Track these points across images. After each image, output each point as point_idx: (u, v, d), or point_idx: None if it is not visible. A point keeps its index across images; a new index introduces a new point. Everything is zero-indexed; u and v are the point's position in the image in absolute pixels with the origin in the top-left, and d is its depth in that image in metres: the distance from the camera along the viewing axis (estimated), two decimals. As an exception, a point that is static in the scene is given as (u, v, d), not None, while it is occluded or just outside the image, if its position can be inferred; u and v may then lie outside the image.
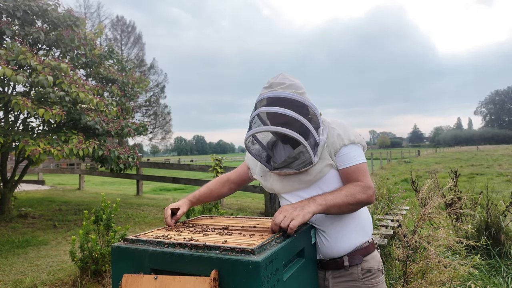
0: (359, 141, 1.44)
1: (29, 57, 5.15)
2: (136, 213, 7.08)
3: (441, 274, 2.41)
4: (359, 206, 1.35)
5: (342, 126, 1.45)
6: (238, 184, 1.72)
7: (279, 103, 1.35)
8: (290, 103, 1.34)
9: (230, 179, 1.72)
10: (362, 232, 1.46)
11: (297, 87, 1.40)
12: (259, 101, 1.41)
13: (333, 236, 1.41)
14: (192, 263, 1.02)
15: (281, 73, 1.45)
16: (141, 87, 8.42)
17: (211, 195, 1.68)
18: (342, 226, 1.42)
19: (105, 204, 3.43)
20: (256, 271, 0.93)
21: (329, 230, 1.41)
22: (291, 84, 1.40)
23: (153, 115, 37.20)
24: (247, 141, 1.48)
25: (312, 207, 1.23)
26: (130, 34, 36.98)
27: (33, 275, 3.69)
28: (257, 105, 1.42)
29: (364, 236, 1.46)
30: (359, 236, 1.44)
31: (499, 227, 3.77)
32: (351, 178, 1.38)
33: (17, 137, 5.29)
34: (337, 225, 1.41)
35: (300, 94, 1.38)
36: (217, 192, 1.69)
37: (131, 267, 1.12)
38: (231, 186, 1.71)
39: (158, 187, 13.35)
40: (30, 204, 7.95)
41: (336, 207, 1.28)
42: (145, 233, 1.27)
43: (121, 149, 6.36)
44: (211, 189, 1.68)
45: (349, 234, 1.42)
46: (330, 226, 1.41)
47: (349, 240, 1.42)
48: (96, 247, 3.29)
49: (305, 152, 1.36)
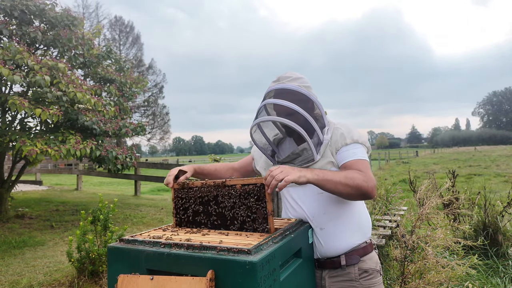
0: (363, 141, 1.43)
1: (26, 56, 5.13)
2: (134, 213, 7.06)
3: (439, 274, 2.41)
4: (357, 192, 1.27)
5: (346, 126, 1.46)
6: (241, 173, 1.75)
7: (286, 95, 1.39)
8: (296, 97, 1.38)
9: (234, 167, 1.76)
10: (360, 232, 1.45)
11: (304, 82, 1.45)
12: (267, 93, 1.45)
13: (330, 235, 1.41)
14: (188, 263, 1.01)
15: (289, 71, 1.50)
16: (139, 87, 8.41)
17: (214, 174, 1.70)
18: (340, 225, 1.42)
19: (102, 205, 3.42)
20: (253, 271, 0.93)
21: (326, 228, 1.41)
22: (298, 78, 1.45)
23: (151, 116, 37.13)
24: (252, 130, 1.50)
25: (309, 175, 1.22)
26: (128, 34, 36.91)
27: (29, 275, 3.67)
28: (265, 97, 1.46)
29: (362, 236, 1.45)
30: (356, 236, 1.44)
31: (497, 228, 3.78)
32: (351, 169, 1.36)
33: (14, 137, 5.26)
34: (335, 224, 1.42)
35: (306, 88, 1.42)
36: (220, 174, 1.71)
37: (127, 268, 1.11)
38: (233, 174, 1.74)
39: (156, 188, 13.32)
40: (27, 204, 7.91)
41: (332, 184, 1.25)
42: (142, 233, 1.26)
43: (119, 149, 6.34)
44: (215, 169, 1.72)
45: (346, 234, 1.42)
46: (328, 224, 1.41)
47: (347, 239, 1.42)
48: (94, 247, 3.28)
49: (308, 149, 1.39)
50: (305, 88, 1.42)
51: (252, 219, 1.24)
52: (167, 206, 8.07)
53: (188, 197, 1.39)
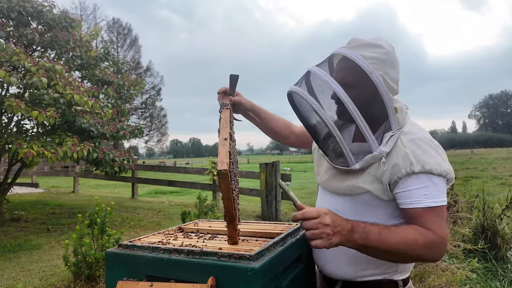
0: (441, 172, 0.96)
1: (23, 58, 5.09)
2: (131, 216, 7.01)
3: (439, 278, 2.40)
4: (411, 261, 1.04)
5: (418, 143, 0.98)
6: (297, 136, 1.42)
7: (341, 65, 1.03)
8: (352, 74, 0.99)
9: (293, 129, 1.44)
10: (371, 266, 1.07)
11: (378, 52, 0.97)
12: (327, 58, 1.10)
13: (330, 256, 1.14)
14: (188, 269, 0.99)
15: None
16: (137, 89, 8.38)
17: (269, 121, 1.39)
18: (347, 250, 1.02)
19: (99, 208, 3.38)
20: (255, 278, 0.91)
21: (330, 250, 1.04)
22: (371, 44, 0.99)
23: (149, 118, 37.07)
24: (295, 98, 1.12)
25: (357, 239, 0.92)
26: (126, 36, 36.92)
27: (25, 280, 3.62)
28: (325, 61, 1.10)
29: (373, 272, 1.08)
30: (363, 269, 1.09)
31: (495, 231, 3.78)
32: (416, 223, 0.97)
33: (10, 140, 5.22)
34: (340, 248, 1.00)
35: (377, 63, 0.96)
36: (274, 125, 1.40)
37: (126, 274, 1.09)
38: (290, 132, 1.42)
39: (153, 190, 13.25)
40: (23, 207, 7.84)
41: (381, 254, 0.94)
42: (140, 238, 1.24)
43: (116, 151, 6.30)
44: (273, 118, 1.41)
45: (349, 262, 1.10)
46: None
47: (346, 268, 1.11)
48: (90, 251, 3.24)
49: (345, 155, 1.03)
50: (374, 62, 0.96)
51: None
52: (164, 209, 8.02)
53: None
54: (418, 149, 0.98)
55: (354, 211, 1.05)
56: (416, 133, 1.01)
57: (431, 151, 0.98)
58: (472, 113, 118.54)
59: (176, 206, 8.22)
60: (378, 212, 1.05)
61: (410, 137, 1.00)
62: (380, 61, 0.97)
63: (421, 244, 0.92)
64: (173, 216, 6.98)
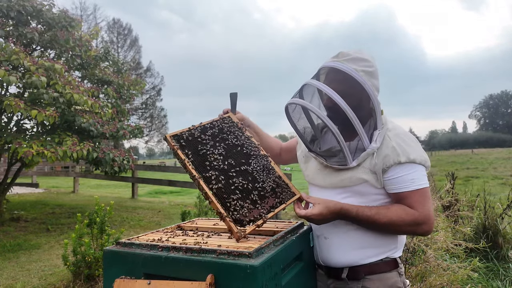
0: (421, 161, 1.17)
1: (22, 57, 5.08)
2: (131, 216, 6.99)
3: (440, 278, 2.38)
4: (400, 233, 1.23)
5: (401, 137, 1.19)
6: (285, 150, 1.61)
7: (334, 78, 1.18)
8: (346, 83, 1.14)
9: (281, 144, 1.64)
10: (377, 249, 1.23)
11: (366, 65, 1.16)
12: (319, 70, 1.25)
13: (334, 246, 1.26)
14: (187, 267, 0.98)
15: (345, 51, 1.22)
16: (137, 89, 8.37)
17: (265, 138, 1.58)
18: (347, 238, 1.24)
19: (99, 207, 3.37)
20: (254, 276, 0.89)
21: (331, 239, 1.26)
22: (359, 59, 1.16)
23: (149, 118, 37.05)
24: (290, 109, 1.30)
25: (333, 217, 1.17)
26: (126, 36, 36.88)
27: (24, 279, 3.61)
28: (318, 73, 1.26)
29: (377, 253, 1.23)
30: (369, 252, 1.23)
31: (497, 230, 3.77)
32: (404, 204, 1.17)
33: (10, 139, 5.20)
34: (342, 237, 1.24)
35: (366, 74, 1.15)
36: (269, 141, 1.59)
37: (124, 272, 1.07)
38: (280, 149, 1.62)
39: (153, 190, 13.23)
40: (23, 207, 7.83)
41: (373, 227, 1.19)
42: (139, 236, 1.22)
43: (116, 151, 6.29)
44: (267, 134, 1.61)
45: (353, 248, 1.23)
46: (334, 235, 1.26)
47: (353, 255, 1.23)
48: (90, 251, 3.23)
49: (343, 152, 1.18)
50: (364, 74, 1.14)
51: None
52: (164, 208, 8.01)
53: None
54: (403, 142, 1.18)
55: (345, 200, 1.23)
56: (398, 129, 1.23)
57: (412, 143, 1.19)
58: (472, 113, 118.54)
59: (176, 206, 8.21)
60: (370, 198, 1.23)
61: (394, 132, 1.21)
62: (367, 74, 1.17)
63: (408, 222, 1.14)
64: (173, 216, 6.97)
